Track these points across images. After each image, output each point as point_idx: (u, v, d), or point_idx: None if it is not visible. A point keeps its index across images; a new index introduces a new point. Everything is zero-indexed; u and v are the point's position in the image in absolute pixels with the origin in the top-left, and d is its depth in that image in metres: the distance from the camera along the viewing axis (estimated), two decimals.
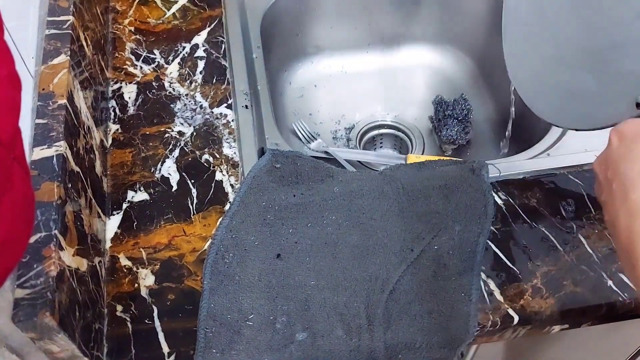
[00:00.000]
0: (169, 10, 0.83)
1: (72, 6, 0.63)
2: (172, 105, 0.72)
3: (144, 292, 0.58)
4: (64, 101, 0.55)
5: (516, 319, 0.58)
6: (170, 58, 0.77)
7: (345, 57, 0.98)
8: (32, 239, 0.47)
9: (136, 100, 0.73)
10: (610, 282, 0.60)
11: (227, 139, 0.69)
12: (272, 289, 0.58)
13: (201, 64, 0.77)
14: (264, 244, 0.60)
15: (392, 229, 0.61)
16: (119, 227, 0.63)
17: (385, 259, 0.60)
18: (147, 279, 0.59)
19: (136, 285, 0.59)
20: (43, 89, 0.56)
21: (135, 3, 0.83)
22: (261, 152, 0.68)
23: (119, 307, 0.57)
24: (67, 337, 0.46)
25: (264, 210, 0.62)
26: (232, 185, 0.65)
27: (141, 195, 0.65)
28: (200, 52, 0.78)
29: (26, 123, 0.53)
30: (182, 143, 0.69)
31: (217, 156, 0.68)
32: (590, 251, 0.62)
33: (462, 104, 0.89)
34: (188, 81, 0.75)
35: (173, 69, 0.76)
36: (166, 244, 0.62)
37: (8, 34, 0.51)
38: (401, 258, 0.60)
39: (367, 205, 0.63)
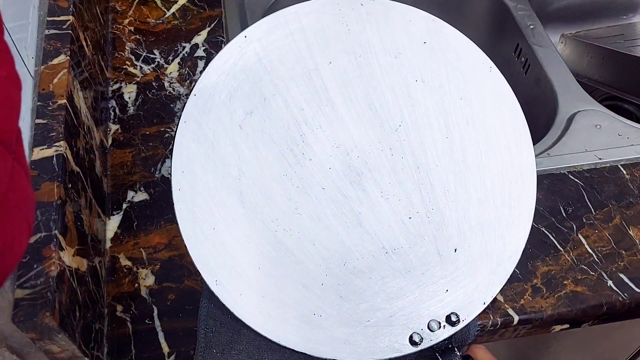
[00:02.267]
0: (168, 10, 0.83)
1: (71, 6, 0.63)
2: (172, 105, 0.72)
3: (144, 292, 0.58)
4: (63, 101, 0.55)
5: (516, 318, 0.58)
6: (170, 58, 0.77)
7: None
8: (32, 239, 0.47)
9: (136, 100, 0.73)
10: (610, 282, 0.60)
11: None
12: None
13: (201, 64, 0.77)
14: None
15: None
16: (119, 227, 0.63)
17: None
18: (147, 279, 0.59)
19: (136, 285, 0.59)
20: (43, 89, 0.56)
21: (135, 3, 0.83)
22: None
23: (119, 307, 0.57)
24: (67, 337, 0.46)
25: None
26: None
27: (141, 196, 0.65)
28: (200, 52, 0.78)
29: (26, 123, 0.53)
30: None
31: None
32: (590, 251, 0.62)
33: None
34: (188, 81, 0.75)
35: (173, 69, 0.76)
36: (166, 244, 0.62)
37: (8, 34, 0.51)
38: None
39: None
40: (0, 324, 0.44)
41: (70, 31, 0.61)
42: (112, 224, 0.63)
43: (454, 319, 0.52)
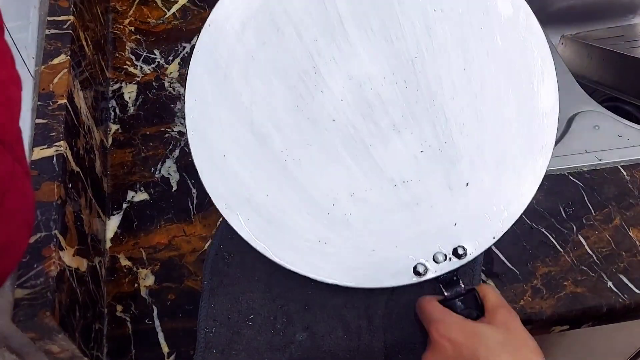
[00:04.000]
0: (169, 10, 0.83)
1: (72, 6, 0.63)
2: (172, 106, 0.72)
3: (144, 292, 0.58)
4: (64, 101, 0.55)
5: None
6: (171, 58, 0.77)
7: None
8: (32, 239, 0.47)
9: (136, 100, 0.73)
10: (610, 283, 0.60)
11: None
12: (272, 290, 0.58)
13: None
14: None
15: None
16: (119, 227, 0.63)
17: None
18: (147, 279, 0.59)
19: (136, 285, 0.59)
20: (43, 89, 0.56)
21: (136, 3, 0.83)
22: None
23: (119, 307, 0.57)
24: (67, 337, 0.46)
25: None
26: None
27: (141, 196, 0.65)
28: None
29: (26, 123, 0.53)
30: (182, 143, 0.69)
31: None
32: (590, 252, 0.62)
33: None
34: None
35: (173, 69, 0.76)
36: (166, 244, 0.62)
37: (8, 33, 0.51)
38: None
39: None
40: (0, 324, 0.44)
41: (70, 31, 0.61)
42: (112, 223, 0.63)
43: (460, 252, 0.52)
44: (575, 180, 0.67)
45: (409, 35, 0.54)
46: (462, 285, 0.51)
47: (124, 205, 0.64)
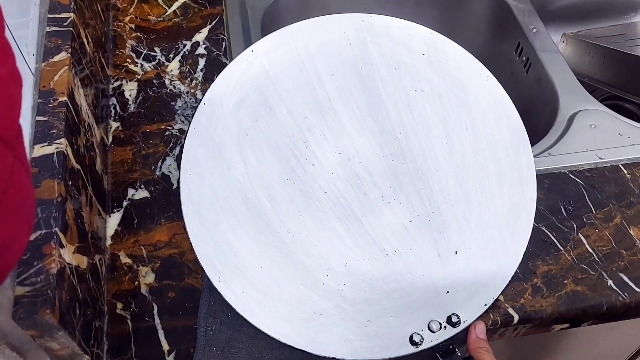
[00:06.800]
0: (169, 7, 0.83)
1: (72, 3, 0.63)
2: (172, 103, 0.72)
3: (144, 290, 0.58)
4: (64, 98, 0.55)
5: (516, 318, 0.58)
6: (171, 56, 0.77)
7: None
8: (33, 237, 0.47)
9: (137, 97, 0.73)
10: (610, 282, 0.60)
11: None
12: None
13: (202, 62, 0.77)
14: None
15: None
16: (119, 225, 0.63)
17: None
18: (147, 276, 0.59)
19: (136, 283, 0.59)
20: (44, 87, 0.56)
21: (136, 0, 0.83)
22: None
23: (119, 305, 0.57)
24: (67, 334, 0.46)
25: None
26: None
27: (142, 193, 0.65)
28: (201, 50, 0.78)
29: (27, 120, 0.53)
30: (183, 141, 0.69)
31: None
32: (591, 250, 0.62)
33: None
34: (189, 79, 0.75)
35: (174, 67, 0.76)
36: (167, 241, 0.62)
37: (9, 31, 0.51)
38: None
39: None
40: (0, 321, 0.43)
41: (71, 28, 0.61)
42: (113, 221, 0.63)
43: (454, 320, 0.52)
44: (576, 179, 0.67)
45: (392, 113, 0.57)
46: (459, 354, 0.52)
47: (125, 203, 0.64)
